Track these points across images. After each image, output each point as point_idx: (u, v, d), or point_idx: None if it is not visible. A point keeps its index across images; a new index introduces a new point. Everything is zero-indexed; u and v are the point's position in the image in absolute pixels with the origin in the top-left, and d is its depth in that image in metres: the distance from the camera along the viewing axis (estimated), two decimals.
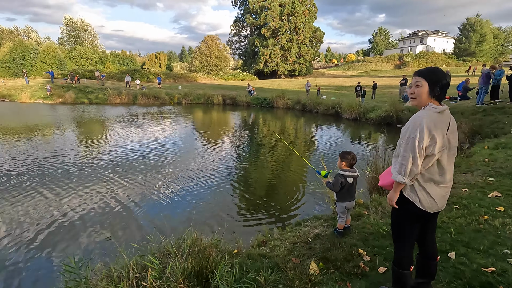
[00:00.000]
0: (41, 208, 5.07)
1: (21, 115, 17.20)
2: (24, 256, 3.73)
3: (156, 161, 8.13)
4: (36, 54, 45.20)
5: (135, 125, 14.18)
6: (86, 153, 8.81)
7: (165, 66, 76.59)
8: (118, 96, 24.81)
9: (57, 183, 6.27)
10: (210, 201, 5.56)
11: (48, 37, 66.69)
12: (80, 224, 4.60)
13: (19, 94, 24.89)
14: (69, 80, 29.23)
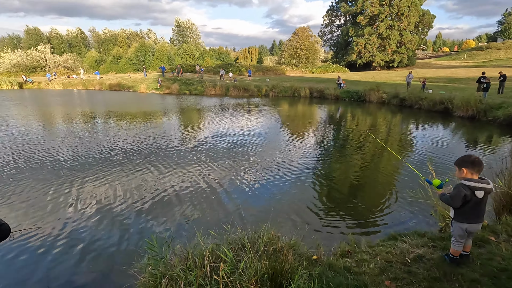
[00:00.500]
0: (148, 182, 5.80)
1: (138, 103, 20.58)
2: (128, 220, 4.28)
3: (243, 149, 8.41)
4: (153, 52, 53.63)
5: (226, 114, 15.12)
6: (184, 137, 9.85)
7: (256, 60, 79.77)
8: (213, 88, 27.03)
9: (161, 162, 7.11)
10: (290, 195, 5.32)
11: (163, 38, 78.01)
12: (174, 200, 5.02)
13: (138, 85, 29.91)
14: (176, 73, 33.42)
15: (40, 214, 4.49)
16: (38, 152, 7.79)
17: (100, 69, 48.12)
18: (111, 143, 8.82)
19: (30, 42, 59.23)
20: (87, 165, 6.77)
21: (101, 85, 32.02)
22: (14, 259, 3.37)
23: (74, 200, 4.99)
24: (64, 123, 12.58)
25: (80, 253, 3.51)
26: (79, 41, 68.51)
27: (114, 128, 11.54)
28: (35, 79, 35.69)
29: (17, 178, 5.93)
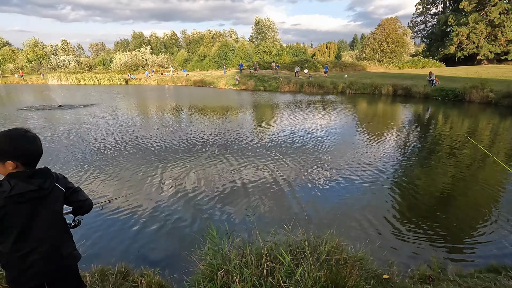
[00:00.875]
0: (220, 173, 6.11)
1: (217, 98, 22.04)
2: (199, 206, 4.57)
3: (315, 147, 8.15)
4: (233, 50, 56.69)
5: (298, 111, 14.91)
6: (257, 132, 10.11)
7: (334, 55, 76.37)
8: (287, 84, 26.99)
9: (234, 154, 7.42)
10: (363, 200, 4.86)
11: (243, 36, 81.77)
12: (242, 192, 5.14)
13: (218, 82, 32.04)
14: (253, 70, 34.55)
15: (130, 191, 5.16)
16: (134, 139, 9.03)
17: (187, 67, 53.35)
18: (191, 134, 9.63)
19: (135, 45, 69.65)
20: (171, 153, 7.52)
21: (187, 81, 35.46)
22: (103, 228, 3.95)
23: (157, 182, 5.59)
24: (155, 114, 14.35)
25: (155, 231, 3.89)
26: (172, 42, 77.27)
27: (194, 120, 12.60)
28: (137, 76, 41.83)
29: (117, 160, 6.96)
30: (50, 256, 1.48)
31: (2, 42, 60.18)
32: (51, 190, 1.46)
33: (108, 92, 25.86)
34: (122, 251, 3.35)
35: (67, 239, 1.59)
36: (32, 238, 1.43)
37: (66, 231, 1.60)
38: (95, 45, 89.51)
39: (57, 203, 1.49)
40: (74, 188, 1.58)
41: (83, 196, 1.59)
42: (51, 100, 18.24)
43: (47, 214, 1.46)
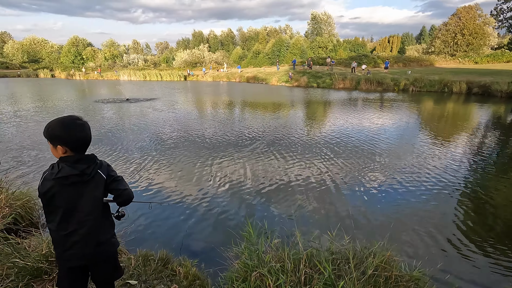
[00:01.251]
0: (270, 169, 6.04)
1: (268, 94, 22.04)
2: (245, 201, 4.56)
3: (370, 147, 7.60)
4: (288, 47, 56.11)
5: (353, 109, 14.07)
6: (308, 129, 9.85)
7: (397, 49, 70.30)
8: (342, 81, 25.72)
9: (284, 151, 7.30)
10: (424, 209, 4.30)
11: (298, 32, 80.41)
12: (287, 191, 4.99)
13: (271, 78, 32.06)
14: (307, 66, 33.72)
15: (180, 181, 5.40)
16: (189, 131, 9.48)
17: (242, 64, 54.51)
18: (241, 129, 9.76)
19: (195, 43, 73.66)
20: (221, 146, 7.69)
21: (240, 78, 36.26)
22: (152, 214, 4.17)
23: (206, 174, 5.74)
24: (209, 109, 14.95)
25: (198, 222, 3.98)
26: (229, 40, 79.75)
27: (246, 116, 12.77)
28: (195, 72, 44.22)
29: (172, 150, 7.34)
30: (88, 240, 1.54)
31: (86, 43, 69.15)
32: (93, 176, 1.51)
33: (168, 87, 27.82)
34: (166, 239, 3.48)
35: (107, 226, 1.64)
36: (74, 220, 1.51)
37: (107, 218, 1.65)
38: (160, 44, 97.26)
39: (98, 189, 1.54)
40: (115, 177, 1.60)
41: (123, 185, 1.61)
42: (120, 94, 20.31)
43: (88, 198, 1.52)
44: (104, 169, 1.57)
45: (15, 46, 68.78)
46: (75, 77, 46.60)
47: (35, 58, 67.58)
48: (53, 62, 64.14)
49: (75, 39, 67.29)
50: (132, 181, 5.35)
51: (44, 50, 70.14)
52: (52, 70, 52.13)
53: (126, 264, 2.51)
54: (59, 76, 48.62)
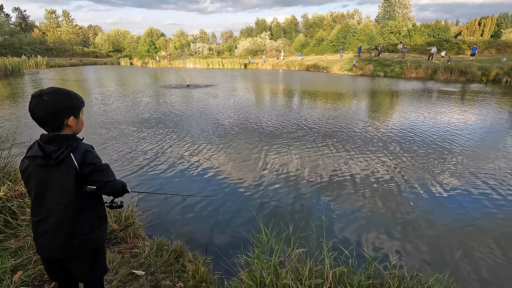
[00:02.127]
0: (325, 162, 5.53)
1: (328, 83, 20.79)
2: (292, 193, 4.20)
3: (444, 146, 6.48)
4: (354, 33, 52.13)
5: (427, 102, 12.26)
6: (372, 122, 8.90)
7: (490, 33, 59.43)
8: (415, 69, 22.82)
9: (342, 144, 6.67)
10: (505, 228, 3.34)
11: (368, 17, 74.24)
12: (340, 187, 4.46)
13: (332, 66, 30.25)
14: (376, 53, 30.77)
15: (238, 167, 5.25)
16: (243, 118, 9.32)
17: (304, 52, 52.72)
18: (297, 118, 9.25)
19: (258, 31, 73.81)
20: (278, 135, 7.35)
21: (300, 66, 35.12)
22: (183, 201, 4.09)
23: (255, 163, 5.48)
24: (265, 96, 14.71)
25: (226, 214, 3.76)
26: (292, 27, 77.87)
27: (302, 105, 12.19)
28: (255, 60, 44.41)
29: (233, 137, 7.20)
30: (56, 231, 1.36)
31: (159, 34, 75.20)
32: (63, 160, 1.30)
33: (227, 75, 28.45)
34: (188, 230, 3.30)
35: (87, 219, 1.42)
36: (44, 206, 1.35)
37: (88, 210, 1.42)
38: (225, 33, 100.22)
39: (68, 176, 1.32)
40: (96, 166, 1.35)
41: (106, 176, 1.37)
42: (183, 80, 21.45)
43: (57, 186, 1.33)
44: (78, 154, 1.32)
45: (103, 38, 78.71)
46: (148, 64, 51.18)
47: (118, 47, 76.27)
48: (132, 51, 71.55)
49: (150, 30, 73.64)
50: (176, 167, 5.41)
51: (125, 41, 78.59)
52: (131, 59, 58.19)
53: (140, 250, 2.41)
54: (136, 64, 53.97)
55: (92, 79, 24.59)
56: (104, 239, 1.54)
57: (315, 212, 3.72)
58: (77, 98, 1.39)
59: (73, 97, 1.37)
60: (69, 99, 1.35)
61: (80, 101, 1.40)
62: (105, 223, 1.53)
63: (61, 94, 1.33)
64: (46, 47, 59.90)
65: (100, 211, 1.49)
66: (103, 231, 1.51)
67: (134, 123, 8.52)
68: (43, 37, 69.82)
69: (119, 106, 11.37)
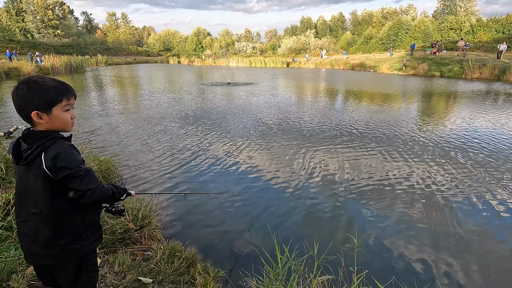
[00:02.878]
0: (368, 170, 5.03)
1: (376, 83, 19.45)
2: (318, 209, 3.86)
3: (502, 159, 5.48)
4: (408, 29, 48.32)
5: (494, 107, 10.73)
6: (424, 126, 8.03)
7: None
8: (478, 69, 20.31)
9: (389, 149, 6.08)
10: None
11: (424, 12, 68.21)
12: (389, 201, 3.96)
13: (380, 65, 28.35)
14: (431, 52, 28.13)
15: (271, 169, 5.01)
16: (282, 117, 8.99)
17: (350, 50, 50.41)
18: (339, 120, 8.67)
19: (302, 29, 72.46)
20: (317, 138, 6.94)
21: (345, 65, 33.56)
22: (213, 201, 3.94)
23: (297, 165, 5.18)
24: (307, 96, 14.23)
25: (254, 222, 3.51)
26: (338, 25, 75.07)
27: (347, 106, 11.51)
28: (299, 59, 43.59)
29: (271, 137, 6.95)
30: (34, 237, 1.23)
31: (205, 33, 77.91)
32: (34, 161, 1.16)
33: (269, 73, 28.25)
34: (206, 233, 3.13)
35: (70, 227, 1.25)
36: (25, 207, 1.23)
37: (72, 218, 1.25)
38: (269, 32, 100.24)
39: (37, 180, 1.17)
40: (71, 172, 1.14)
41: (85, 184, 1.17)
42: (224, 78, 21.78)
43: (31, 188, 1.20)
44: (49, 156, 1.13)
45: (155, 38, 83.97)
46: (194, 63, 53.26)
47: (168, 47, 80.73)
48: (180, 50, 75.20)
49: (198, 30, 76.64)
50: (213, 165, 5.34)
51: (174, 40, 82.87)
52: (178, 57, 61.15)
53: (153, 254, 2.29)
54: (183, 62, 56.50)
55: (142, 76, 26.24)
56: (92, 250, 1.36)
57: (347, 230, 3.30)
58: (54, 91, 1.19)
59: (44, 89, 1.16)
60: (38, 91, 1.15)
61: (58, 94, 1.20)
62: (94, 232, 1.35)
63: (33, 84, 1.16)
64: (106, 47, 65.62)
65: (88, 219, 1.31)
66: (93, 241, 1.34)
67: (176, 119, 8.70)
68: (104, 38, 76.65)
69: (164, 101, 11.82)
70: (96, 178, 1.23)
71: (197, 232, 3.11)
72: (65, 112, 1.23)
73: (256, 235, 3.15)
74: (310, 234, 3.11)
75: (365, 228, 3.31)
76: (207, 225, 3.31)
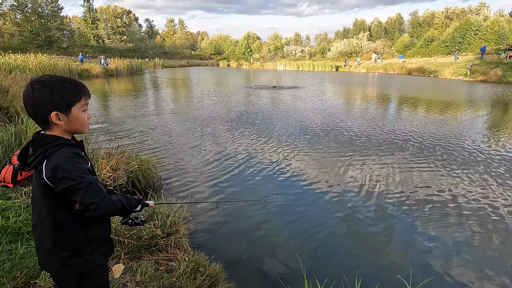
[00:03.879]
0: (427, 182, 4.54)
1: (436, 90, 17.61)
2: (370, 206, 3.47)
3: None
4: (477, 31, 43.16)
5: None
6: (491, 141, 6.98)
7: None
8: None
9: (449, 162, 5.44)
10: None
11: (500, 10, 60.39)
12: (437, 222, 3.45)
13: (442, 70, 25.68)
14: (508, 56, 24.67)
15: (313, 179, 4.74)
16: (329, 125, 8.51)
17: (407, 54, 46.82)
18: (392, 129, 7.93)
19: (355, 32, 69.49)
20: (370, 146, 6.48)
21: (400, 69, 31.18)
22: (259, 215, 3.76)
23: (343, 177, 4.83)
24: (356, 102, 13.45)
25: (293, 235, 3.25)
26: (395, 26, 70.42)
27: (402, 115, 10.57)
28: (350, 62, 41.79)
29: (318, 142, 6.75)
30: (40, 244, 1.19)
31: (255, 37, 79.27)
32: (36, 168, 1.08)
33: (316, 77, 27.48)
34: (234, 247, 2.94)
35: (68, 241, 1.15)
36: (35, 213, 1.17)
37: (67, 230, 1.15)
38: (319, 36, 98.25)
39: (39, 188, 1.09)
40: (72, 184, 1.04)
41: (88, 197, 1.06)
42: (270, 82, 21.72)
43: (35, 195, 1.14)
44: (50, 165, 1.05)
45: (207, 42, 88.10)
46: (242, 66, 54.44)
47: (219, 51, 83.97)
48: (230, 54, 77.65)
49: (247, 34, 78.33)
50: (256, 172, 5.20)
51: (225, 44, 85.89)
52: (228, 61, 63.14)
53: (177, 265, 2.18)
54: (232, 66, 58.13)
55: (194, 78, 27.57)
56: (98, 264, 1.25)
57: (399, 265, 2.86)
58: (73, 89, 1.12)
59: (63, 87, 1.09)
60: (57, 89, 1.07)
61: (76, 93, 1.13)
62: (101, 246, 1.25)
63: (49, 83, 1.07)
64: (163, 51, 70.64)
65: (94, 232, 1.21)
66: (99, 255, 1.23)
67: (220, 122, 8.79)
68: (162, 42, 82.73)
69: (210, 103, 12.15)
70: (101, 190, 1.11)
71: (225, 245, 2.96)
72: (83, 112, 1.16)
73: (290, 257, 2.86)
74: (352, 271, 2.74)
75: (419, 255, 2.83)
76: (237, 238, 3.15)
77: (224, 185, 4.43)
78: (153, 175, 4.16)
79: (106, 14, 73.34)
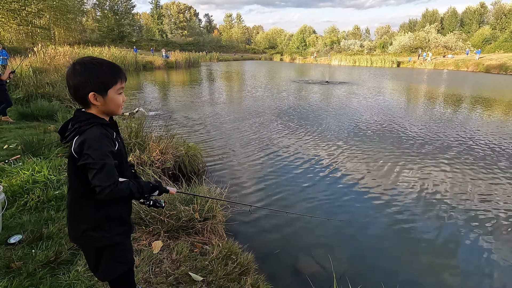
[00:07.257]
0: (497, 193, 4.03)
1: None
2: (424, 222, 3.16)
3: None
4: None
5: None
6: None
7: None
8: None
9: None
10: None
11: None
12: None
13: None
14: None
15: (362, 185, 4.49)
16: (392, 123, 8.00)
17: (487, 48, 40.95)
18: (460, 134, 7.05)
19: (423, 24, 62.94)
20: (427, 148, 5.95)
21: (476, 66, 27.48)
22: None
23: (396, 182, 4.43)
24: (420, 102, 12.28)
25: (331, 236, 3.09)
26: (473, 17, 61.95)
27: (471, 118, 9.34)
28: (413, 58, 38.16)
29: (371, 142, 6.36)
30: (68, 215, 1.29)
31: (311, 31, 77.14)
32: (70, 142, 1.14)
33: (374, 74, 25.66)
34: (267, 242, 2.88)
35: (90, 215, 1.22)
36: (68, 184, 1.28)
37: (89, 205, 1.20)
38: (380, 29, 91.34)
39: (68, 160, 1.19)
40: (89, 162, 1.08)
41: (98, 179, 1.08)
42: (322, 77, 20.99)
43: (68, 165, 1.22)
44: (79, 140, 1.11)
45: (262, 36, 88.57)
46: (296, 60, 53.58)
47: (273, 45, 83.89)
48: (284, 48, 77.02)
49: (303, 27, 76.63)
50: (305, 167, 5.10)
51: (279, 38, 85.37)
52: (282, 55, 62.74)
53: (210, 250, 2.22)
54: (285, 60, 57.64)
55: (247, 71, 28.11)
56: (116, 243, 1.29)
57: (449, 286, 2.52)
58: (110, 73, 1.17)
59: (102, 71, 1.14)
60: (96, 71, 1.13)
61: (113, 76, 1.17)
62: (117, 226, 1.28)
63: (89, 65, 1.13)
64: (220, 45, 73.21)
65: (112, 212, 1.25)
66: (115, 234, 1.27)
67: (270, 115, 8.75)
68: (219, 37, 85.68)
69: (261, 96, 12.29)
70: (111, 176, 1.11)
71: (259, 237, 2.94)
72: (118, 95, 1.21)
73: (323, 258, 2.69)
74: (394, 274, 2.50)
75: (474, 278, 2.45)
76: (272, 231, 3.10)
77: (264, 185, 4.23)
78: (198, 162, 4.32)
79: (171, 10, 78.49)
